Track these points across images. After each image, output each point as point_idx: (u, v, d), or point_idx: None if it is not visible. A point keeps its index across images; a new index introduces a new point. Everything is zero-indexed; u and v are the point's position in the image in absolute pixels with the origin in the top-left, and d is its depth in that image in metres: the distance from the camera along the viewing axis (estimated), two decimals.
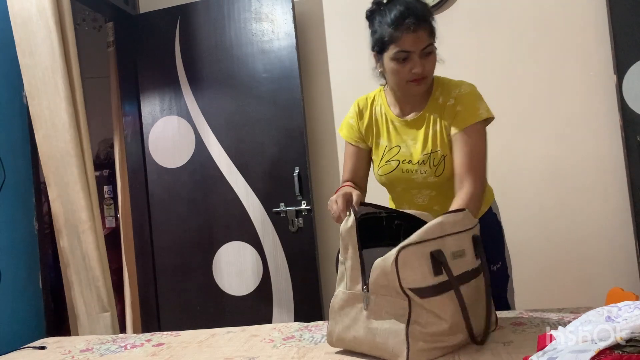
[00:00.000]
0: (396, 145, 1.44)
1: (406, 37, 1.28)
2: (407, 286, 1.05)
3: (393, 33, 1.29)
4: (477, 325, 1.13)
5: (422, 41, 1.29)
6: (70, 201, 1.95)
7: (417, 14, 1.28)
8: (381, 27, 1.33)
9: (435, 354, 1.08)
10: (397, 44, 1.30)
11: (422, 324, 1.06)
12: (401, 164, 1.43)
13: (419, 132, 1.40)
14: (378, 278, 1.08)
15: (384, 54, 1.35)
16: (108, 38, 2.80)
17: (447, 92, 1.39)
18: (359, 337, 1.12)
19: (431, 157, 1.39)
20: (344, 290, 1.16)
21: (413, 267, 1.05)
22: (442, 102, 1.39)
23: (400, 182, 1.46)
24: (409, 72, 1.31)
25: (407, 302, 1.05)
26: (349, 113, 1.54)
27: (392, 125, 1.45)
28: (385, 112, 1.47)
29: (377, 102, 1.49)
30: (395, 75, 1.34)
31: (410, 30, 1.27)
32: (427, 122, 1.40)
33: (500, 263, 1.51)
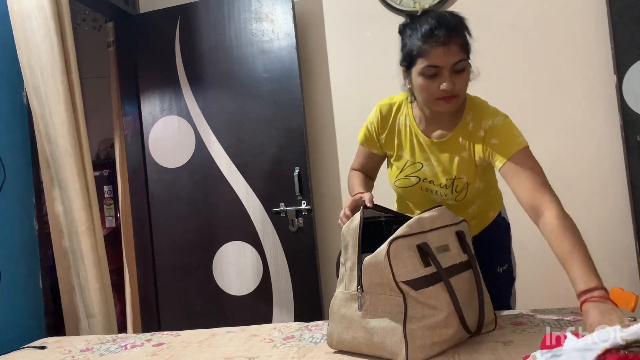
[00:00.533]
0: (419, 162, 1.37)
1: (435, 51, 1.19)
2: (400, 279, 1.06)
3: (422, 46, 1.20)
4: (472, 318, 1.14)
5: (453, 56, 1.19)
6: (69, 201, 1.94)
7: (449, 26, 1.20)
8: (411, 41, 1.24)
9: (434, 350, 1.08)
10: (426, 58, 1.20)
11: (419, 318, 1.06)
12: (422, 182, 1.38)
13: (445, 155, 1.33)
14: (372, 276, 1.09)
15: (412, 68, 1.25)
16: (108, 38, 2.80)
17: (479, 119, 1.30)
18: (358, 337, 1.12)
19: (455, 182, 1.33)
20: (343, 290, 1.16)
21: (403, 258, 1.08)
22: (472, 129, 1.30)
23: (417, 196, 1.43)
24: (437, 89, 1.22)
25: (402, 298, 1.06)
26: (369, 118, 1.45)
27: (417, 141, 1.37)
28: (410, 125, 1.38)
29: (402, 111, 1.40)
30: (423, 91, 1.25)
31: (440, 43, 1.18)
32: (455, 147, 1.32)
33: (506, 265, 1.51)
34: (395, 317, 1.07)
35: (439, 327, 1.08)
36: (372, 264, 1.08)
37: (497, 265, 1.49)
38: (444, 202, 1.38)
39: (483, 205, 1.46)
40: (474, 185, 1.34)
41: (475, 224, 1.47)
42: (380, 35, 2.58)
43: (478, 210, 1.45)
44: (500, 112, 1.32)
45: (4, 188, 1.85)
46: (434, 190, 1.38)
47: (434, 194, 1.39)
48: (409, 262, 1.08)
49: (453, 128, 1.33)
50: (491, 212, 1.49)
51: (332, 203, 2.65)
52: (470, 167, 1.32)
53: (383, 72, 2.58)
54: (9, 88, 1.94)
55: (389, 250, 1.06)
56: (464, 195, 1.35)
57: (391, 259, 1.06)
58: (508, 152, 1.24)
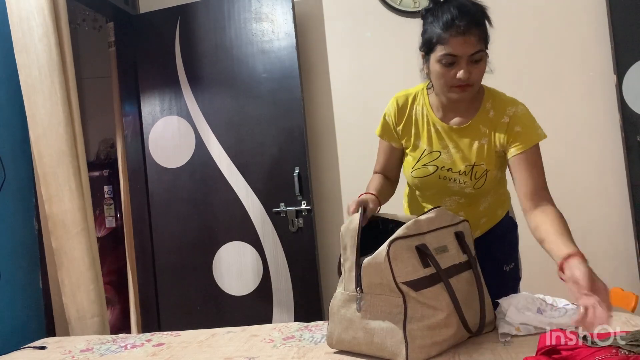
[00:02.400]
0: (436, 150, 1.37)
1: (454, 40, 1.21)
2: (400, 280, 1.06)
3: (442, 34, 1.22)
4: (472, 318, 1.14)
5: (471, 46, 1.22)
6: (64, 201, 1.93)
7: (470, 17, 1.21)
8: (431, 28, 1.26)
9: (434, 350, 1.08)
10: (445, 46, 1.22)
11: (419, 318, 1.07)
12: (439, 170, 1.37)
13: (464, 140, 1.34)
14: (371, 277, 1.09)
15: (430, 54, 1.27)
16: (108, 38, 2.80)
17: (501, 107, 1.33)
18: (358, 337, 1.12)
19: (474, 169, 1.34)
20: (342, 291, 1.16)
21: (403, 259, 1.08)
22: (493, 116, 1.33)
23: (434, 187, 1.42)
24: (453, 77, 1.24)
25: (401, 299, 1.06)
26: (386, 110, 1.46)
27: (434, 129, 1.37)
28: (427, 114, 1.38)
29: (419, 101, 1.41)
30: (440, 78, 1.27)
31: (460, 33, 1.20)
32: (475, 133, 1.33)
33: (513, 264, 1.53)
34: (395, 318, 1.07)
35: (439, 327, 1.08)
36: (372, 264, 1.08)
37: (503, 264, 1.51)
38: (462, 190, 1.38)
39: (493, 204, 1.47)
40: (492, 172, 1.35)
41: (485, 222, 1.48)
42: (380, 35, 2.58)
43: (489, 208, 1.46)
44: (518, 101, 1.36)
45: (4, 188, 1.85)
46: (452, 178, 1.37)
47: (452, 182, 1.38)
48: (409, 263, 1.08)
49: (473, 115, 1.34)
50: (500, 211, 1.50)
51: (332, 203, 2.65)
52: (490, 153, 1.33)
53: (383, 72, 2.59)
54: (9, 88, 1.94)
55: (388, 251, 1.06)
56: (483, 183, 1.35)
57: (391, 260, 1.06)
58: (529, 143, 1.28)
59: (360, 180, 2.62)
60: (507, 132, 1.31)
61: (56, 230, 1.94)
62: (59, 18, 1.98)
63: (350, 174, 2.63)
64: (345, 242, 1.16)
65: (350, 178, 2.62)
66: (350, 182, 2.62)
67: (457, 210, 1.44)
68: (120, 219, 3.19)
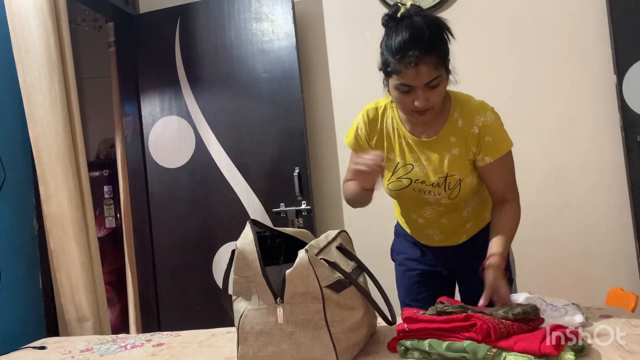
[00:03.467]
0: (409, 163, 1.37)
1: (408, 72, 1.18)
2: (324, 284, 1.07)
3: (395, 65, 1.20)
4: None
5: (425, 76, 1.19)
6: (63, 202, 1.92)
7: (422, 45, 1.17)
8: (386, 52, 1.24)
9: (355, 351, 1.13)
10: (399, 76, 1.21)
11: (339, 321, 1.09)
12: (413, 183, 1.38)
13: (435, 154, 1.34)
14: (296, 287, 1.07)
15: (389, 79, 1.27)
16: (108, 38, 2.80)
17: (469, 116, 1.31)
18: (281, 350, 1.09)
19: (447, 180, 1.34)
20: (255, 307, 1.11)
21: (319, 265, 1.09)
22: (462, 125, 1.32)
23: (411, 198, 1.43)
24: (411, 103, 1.23)
25: (321, 305, 1.07)
26: (357, 122, 1.45)
27: (405, 142, 1.37)
28: (397, 128, 1.38)
29: (388, 114, 1.40)
30: (399, 104, 1.29)
31: (412, 65, 1.17)
32: (445, 145, 1.33)
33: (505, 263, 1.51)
34: (318, 324, 1.07)
35: (357, 328, 1.12)
36: (296, 274, 1.07)
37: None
38: (438, 202, 1.38)
39: (478, 207, 1.46)
40: (466, 181, 1.35)
41: (471, 226, 1.47)
42: (380, 35, 2.56)
43: (473, 212, 1.45)
44: (487, 105, 1.34)
45: (4, 188, 1.85)
46: (427, 190, 1.38)
47: (427, 194, 1.38)
48: (325, 269, 1.10)
49: (441, 126, 1.33)
50: (486, 214, 1.48)
51: (332, 203, 2.65)
52: (463, 163, 1.33)
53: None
54: (9, 88, 1.94)
55: (309, 258, 1.07)
56: (457, 192, 1.35)
57: (313, 266, 1.07)
58: (499, 151, 1.32)
59: None
60: (478, 143, 1.31)
61: (54, 231, 1.93)
62: (58, 18, 1.98)
63: None
64: (246, 256, 1.12)
65: None
66: None
67: (438, 218, 1.44)
68: (120, 219, 3.18)
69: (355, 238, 1.44)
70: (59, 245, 1.92)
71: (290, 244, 1.28)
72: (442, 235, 1.48)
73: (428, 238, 1.50)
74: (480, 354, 0.98)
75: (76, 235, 1.93)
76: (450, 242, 1.49)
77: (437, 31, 1.22)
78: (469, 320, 1.03)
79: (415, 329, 1.08)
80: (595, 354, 1.00)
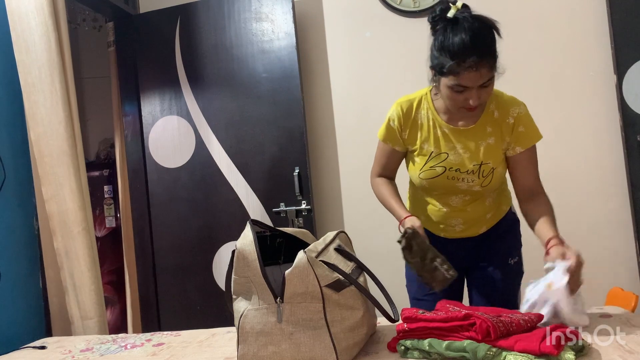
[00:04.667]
0: (444, 152, 1.41)
1: (466, 75, 1.24)
2: (324, 284, 1.08)
3: (454, 67, 1.23)
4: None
5: (483, 78, 1.25)
6: (65, 201, 1.92)
7: (482, 50, 1.22)
8: (442, 54, 1.26)
9: (355, 350, 1.13)
10: (457, 78, 1.25)
11: (339, 320, 1.09)
12: (448, 170, 1.42)
13: (471, 142, 1.39)
14: (296, 286, 1.07)
15: (442, 77, 1.30)
16: (108, 38, 2.80)
17: (504, 108, 1.39)
18: (281, 350, 1.09)
19: (482, 168, 1.39)
20: (255, 307, 1.12)
21: (318, 265, 1.10)
22: (498, 117, 1.39)
23: (442, 187, 1.46)
24: (464, 101, 1.29)
25: (321, 304, 1.07)
26: (389, 115, 1.48)
27: (441, 131, 1.42)
28: (433, 118, 1.42)
29: (423, 106, 1.44)
30: (450, 100, 1.33)
31: (472, 68, 1.22)
32: (482, 134, 1.39)
33: (517, 258, 1.57)
34: (318, 324, 1.07)
35: (357, 327, 1.12)
36: (295, 274, 1.07)
37: (508, 257, 1.54)
38: (470, 189, 1.43)
39: (497, 199, 1.52)
40: (498, 170, 1.41)
41: (490, 217, 1.52)
42: (380, 35, 2.58)
43: (494, 203, 1.51)
44: (519, 100, 1.43)
45: (4, 188, 1.85)
46: (461, 178, 1.42)
47: (461, 181, 1.42)
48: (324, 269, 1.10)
49: (478, 116, 1.40)
50: (504, 206, 1.55)
51: (332, 203, 2.65)
52: (497, 152, 1.40)
53: (383, 72, 2.59)
54: (9, 87, 1.94)
55: (307, 258, 1.07)
56: (490, 180, 1.40)
57: (313, 266, 1.07)
58: (531, 141, 1.40)
59: (360, 180, 2.63)
60: (512, 133, 1.38)
61: (57, 230, 1.93)
62: (58, 17, 1.98)
63: (350, 174, 2.63)
64: (246, 256, 1.12)
65: (350, 178, 2.62)
66: (350, 182, 2.62)
67: (464, 206, 1.48)
68: (120, 219, 3.18)
69: (355, 238, 1.45)
70: (62, 244, 1.93)
71: (291, 243, 1.29)
72: (464, 225, 1.51)
73: (450, 229, 1.53)
74: (480, 354, 0.98)
75: (79, 234, 1.93)
76: (470, 232, 1.52)
77: (492, 34, 1.28)
78: (469, 319, 1.03)
79: (415, 328, 1.09)
80: (595, 353, 1.01)
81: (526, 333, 1.02)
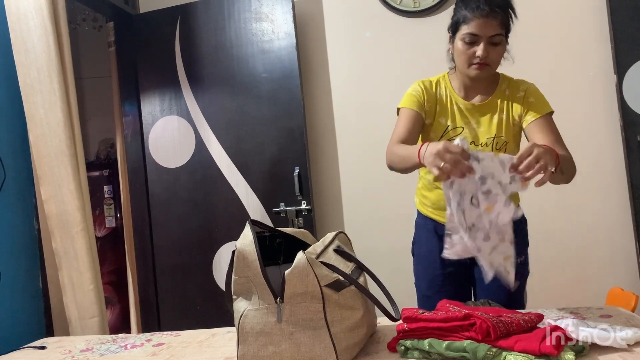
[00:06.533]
0: (460, 126, 1.50)
1: (477, 21, 1.35)
2: (323, 283, 1.08)
3: (467, 15, 1.36)
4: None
5: (491, 28, 1.35)
6: (63, 202, 1.92)
7: (495, 3, 1.34)
8: (459, 11, 1.40)
9: (355, 350, 1.12)
10: (468, 26, 1.37)
11: (339, 320, 1.09)
12: None
13: (485, 116, 1.49)
14: (296, 286, 1.08)
15: (456, 34, 1.42)
16: (108, 38, 2.79)
17: (515, 86, 1.50)
18: (281, 350, 1.09)
19: (495, 141, 1.47)
20: (255, 307, 1.12)
21: (317, 265, 1.10)
22: (509, 94, 1.49)
23: None
24: (473, 55, 1.39)
25: (321, 304, 1.07)
26: (410, 90, 1.53)
27: (457, 107, 1.50)
28: (450, 95, 1.52)
29: (441, 85, 1.54)
30: (461, 55, 1.41)
31: (483, 15, 1.33)
32: (495, 109, 1.48)
33: (523, 257, 1.58)
34: (318, 324, 1.07)
35: (357, 327, 1.12)
36: (295, 274, 1.07)
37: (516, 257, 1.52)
38: None
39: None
40: (510, 144, 1.49)
41: None
42: (380, 35, 2.58)
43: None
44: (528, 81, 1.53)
45: (4, 188, 1.85)
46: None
47: None
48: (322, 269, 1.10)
49: (492, 93, 1.50)
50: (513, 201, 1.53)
51: (332, 203, 2.65)
52: (509, 126, 1.48)
53: (383, 72, 2.59)
54: (8, 88, 1.94)
55: (307, 258, 1.08)
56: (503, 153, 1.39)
57: (312, 265, 1.07)
58: (542, 110, 1.45)
59: (360, 180, 2.64)
60: (523, 103, 1.47)
61: (56, 231, 1.93)
62: (58, 18, 1.98)
63: (350, 174, 2.63)
64: (246, 256, 1.12)
65: (350, 178, 2.62)
66: (350, 182, 2.62)
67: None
68: (120, 219, 3.19)
69: (355, 238, 1.45)
70: (60, 245, 1.93)
71: (290, 244, 1.29)
72: None
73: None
74: (480, 354, 0.98)
75: (77, 234, 1.93)
76: None
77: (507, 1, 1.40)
78: (469, 319, 1.03)
79: (415, 328, 1.09)
80: (595, 353, 1.01)
81: (526, 333, 1.02)
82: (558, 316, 1.28)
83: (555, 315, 1.29)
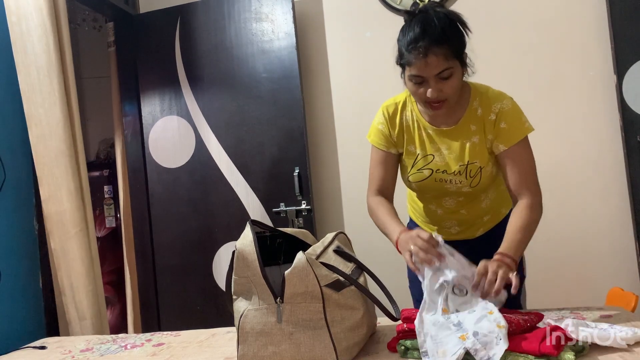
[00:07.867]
0: (430, 154, 1.39)
1: (417, 63, 1.22)
2: (323, 283, 1.08)
3: (407, 56, 1.24)
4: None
5: (434, 67, 1.22)
6: (62, 202, 1.92)
7: (432, 37, 1.20)
8: (401, 46, 1.27)
9: (355, 350, 1.13)
10: (410, 68, 1.25)
11: (339, 320, 1.09)
12: (435, 173, 1.39)
13: (456, 142, 1.36)
14: (296, 286, 1.08)
15: (404, 72, 1.30)
16: (108, 38, 2.80)
17: (487, 104, 1.34)
18: (281, 351, 1.09)
19: (468, 168, 1.36)
20: (255, 307, 1.12)
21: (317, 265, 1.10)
22: (481, 114, 1.34)
23: (432, 189, 1.44)
24: (424, 94, 1.26)
25: (321, 304, 1.07)
26: (376, 119, 1.46)
27: (426, 133, 1.39)
28: (417, 119, 1.40)
29: (407, 107, 1.42)
30: (414, 95, 1.32)
31: (421, 56, 1.21)
32: (466, 133, 1.35)
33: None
34: (318, 324, 1.07)
35: (357, 327, 1.12)
36: (294, 274, 1.07)
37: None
38: (459, 190, 1.40)
39: (495, 200, 1.48)
40: (486, 169, 1.37)
41: (488, 219, 1.50)
42: (380, 35, 2.58)
43: (491, 205, 1.47)
44: (505, 94, 1.37)
45: (4, 188, 1.85)
46: (448, 180, 1.39)
47: (448, 183, 1.39)
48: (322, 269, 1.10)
49: (461, 115, 1.36)
50: (503, 209, 1.52)
51: (332, 203, 2.65)
52: (482, 151, 1.35)
53: (383, 72, 2.58)
54: (8, 88, 1.94)
55: (307, 258, 1.08)
56: (479, 180, 1.37)
57: (312, 265, 1.07)
58: (513, 139, 1.32)
59: (360, 180, 2.62)
60: (494, 130, 1.33)
61: (55, 231, 1.93)
62: (58, 18, 1.98)
63: (350, 174, 2.63)
64: (246, 257, 1.12)
65: (350, 178, 2.62)
66: (350, 182, 2.62)
67: (458, 208, 1.45)
68: (120, 219, 3.19)
69: (355, 238, 1.45)
70: (59, 245, 1.93)
71: (290, 244, 1.29)
72: (459, 227, 1.49)
73: (445, 230, 1.51)
74: None
75: (76, 235, 1.93)
76: (467, 234, 1.50)
77: (449, 24, 1.24)
78: None
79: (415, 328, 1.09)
80: (595, 353, 1.01)
81: (526, 333, 1.02)
82: (558, 316, 1.28)
83: (555, 315, 1.29)
